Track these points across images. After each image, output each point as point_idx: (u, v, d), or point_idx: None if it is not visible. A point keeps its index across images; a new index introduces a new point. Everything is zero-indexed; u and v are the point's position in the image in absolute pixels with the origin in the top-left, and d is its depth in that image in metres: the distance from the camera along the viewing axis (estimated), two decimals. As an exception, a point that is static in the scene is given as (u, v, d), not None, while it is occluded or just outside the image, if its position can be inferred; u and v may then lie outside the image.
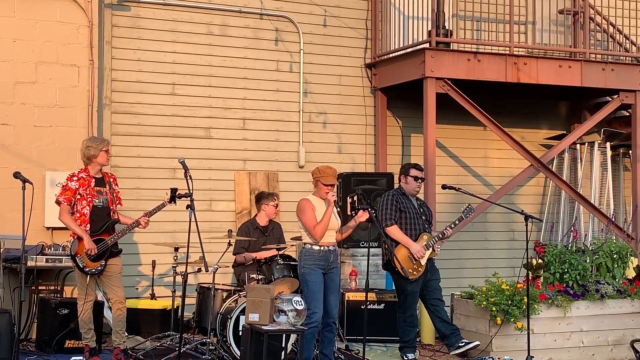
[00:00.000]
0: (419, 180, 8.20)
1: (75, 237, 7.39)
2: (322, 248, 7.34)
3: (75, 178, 7.42)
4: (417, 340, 8.56)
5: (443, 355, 8.49)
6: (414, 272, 8.06)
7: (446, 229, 8.24)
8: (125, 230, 7.54)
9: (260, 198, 8.99)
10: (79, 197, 7.39)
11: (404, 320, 8.16)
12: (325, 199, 7.39)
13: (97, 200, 7.44)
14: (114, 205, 7.55)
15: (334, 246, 7.43)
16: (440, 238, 8.19)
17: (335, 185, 7.49)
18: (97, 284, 7.67)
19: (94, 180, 7.46)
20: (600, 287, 8.77)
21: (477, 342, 8.04)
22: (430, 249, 8.12)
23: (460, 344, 8.03)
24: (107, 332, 8.31)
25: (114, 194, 7.57)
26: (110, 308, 7.72)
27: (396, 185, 10.31)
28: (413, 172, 8.20)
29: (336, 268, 7.49)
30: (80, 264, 7.37)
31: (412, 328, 8.17)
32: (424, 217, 8.22)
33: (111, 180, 7.60)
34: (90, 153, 7.46)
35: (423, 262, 8.08)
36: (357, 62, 10.91)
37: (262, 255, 8.42)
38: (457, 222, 8.37)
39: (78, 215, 7.40)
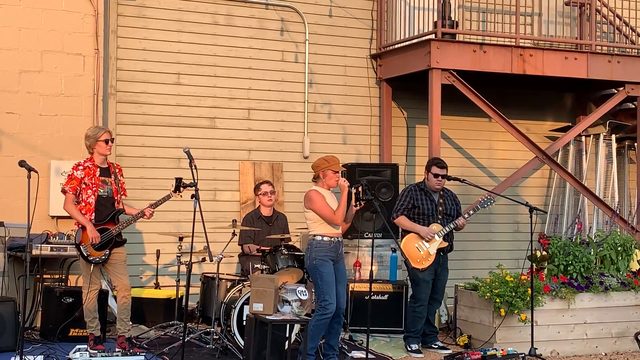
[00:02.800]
0: (439, 177, 8.23)
1: (80, 226, 7.41)
2: (332, 239, 7.32)
3: (81, 167, 7.43)
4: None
5: (447, 346, 8.49)
6: (422, 262, 8.10)
7: (459, 219, 8.26)
8: (130, 220, 7.55)
9: (254, 190, 9.03)
10: (84, 186, 7.40)
11: (414, 310, 8.23)
12: (331, 188, 7.38)
13: (102, 190, 7.45)
14: (118, 195, 7.55)
15: (341, 237, 7.43)
16: (452, 228, 8.22)
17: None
18: (102, 272, 7.70)
19: (99, 169, 7.47)
20: (605, 280, 8.76)
21: (450, 351, 8.22)
22: (440, 239, 8.15)
23: (433, 346, 8.36)
24: (111, 320, 8.33)
25: (119, 185, 7.57)
26: (114, 297, 7.73)
27: (401, 177, 10.40)
28: (434, 169, 8.27)
29: (342, 259, 7.50)
30: (84, 253, 7.38)
31: (421, 319, 8.22)
32: (441, 208, 8.25)
33: (117, 170, 7.61)
34: (87, 143, 7.50)
35: (432, 251, 8.13)
36: (363, 53, 10.89)
37: (266, 249, 8.43)
38: (471, 211, 8.40)
39: (83, 204, 7.41)
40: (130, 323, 7.61)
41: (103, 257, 7.43)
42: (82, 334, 7.81)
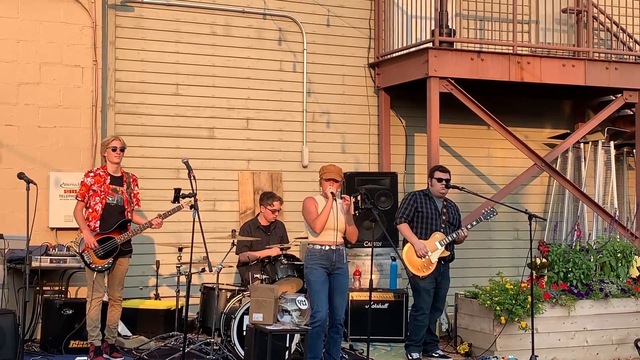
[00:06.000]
0: (443, 182, 8.23)
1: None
2: (323, 247, 7.33)
3: (92, 174, 7.57)
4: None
5: (448, 354, 8.49)
6: (423, 270, 8.10)
7: (462, 229, 8.26)
8: (137, 230, 7.62)
9: (261, 199, 9.01)
10: (92, 193, 7.48)
11: (415, 318, 8.22)
12: (327, 197, 7.40)
13: (110, 198, 7.52)
14: (129, 205, 7.60)
15: (336, 246, 7.39)
16: (454, 238, 8.22)
17: (339, 182, 7.47)
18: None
19: (109, 177, 7.54)
20: (605, 286, 8.76)
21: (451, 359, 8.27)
22: (442, 248, 8.15)
23: (434, 354, 8.34)
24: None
25: (132, 195, 7.64)
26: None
27: (400, 185, 10.41)
28: (437, 174, 8.29)
29: (342, 269, 7.46)
30: (87, 261, 7.43)
31: (422, 328, 8.21)
32: (444, 217, 8.25)
33: (131, 180, 7.70)
34: (101, 151, 7.71)
35: (433, 259, 8.13)
36: (361, 62, 10.91)
37: (265, 253, 8.43)
38: (474, 222, 8.42)
39: (90, 211, 7.51)
40: (118, 332, 7.68)
41: (106, 266, 7.48)
42: (83, 346, 7.80)
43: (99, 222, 7.49)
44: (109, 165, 7.61)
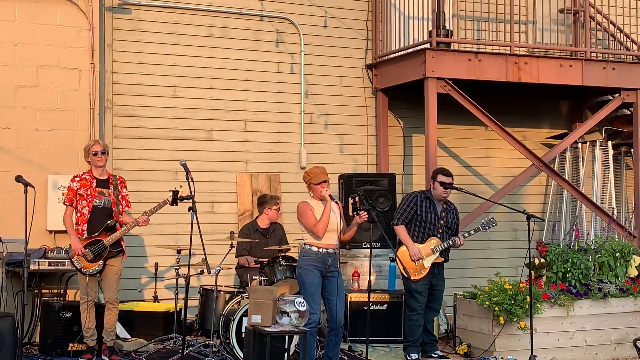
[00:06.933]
0: (445, 186, 8.21)
1: None
2: (320, 250, 7.29)
3: (77, 179, 7.61)
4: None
5: (447, 354, 8.49)
6: (416, 273, 8.09)
7: (459, 237, 8.26)
8: (124, 230, 7.61)
9: (263, 202, 9.00)
10: (79, 197, 7.51)
11: (410, 318, 8.23)
12: (323, 199, 7.36)
13: (97, 201, 7.54)
14: (116, 207, 7.60)
15: (333, 249, 7.36)
16: (450, 245, 8.21)
17: (328, 182, 7.43)
18: (100, 285, 7.74)
19: (95, 181, 7.57)
20: (603, 286, 8.76)
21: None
22: (437, 254, 8.14)
23: (433, 355, 8.31)
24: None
25: (119, 197, 7.63)
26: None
27: (399, 186, 10.41)
28: (440, 177, 8.26)
29: (336, 271, 7.42)
30: (77, 266, 7.46)
31: (418, 328, 8.20)
32: (442, 222, 8.23)
33: (118, 182, 7.70)
34: (84, 156, 7.72)
35: (426, 264, 8.12)
36: (358, 63, 10.91)
37: (264, 259, 8.43)
38: (472, 231, 8.41)
39: (78, 214, 7.55)
40: (116, 334, 7.69)
41: (97, 269, 7.52)
42: (81, 349, 7.80)
43: (86, 225, 7.54)
44: (94, 169, 7.64)
